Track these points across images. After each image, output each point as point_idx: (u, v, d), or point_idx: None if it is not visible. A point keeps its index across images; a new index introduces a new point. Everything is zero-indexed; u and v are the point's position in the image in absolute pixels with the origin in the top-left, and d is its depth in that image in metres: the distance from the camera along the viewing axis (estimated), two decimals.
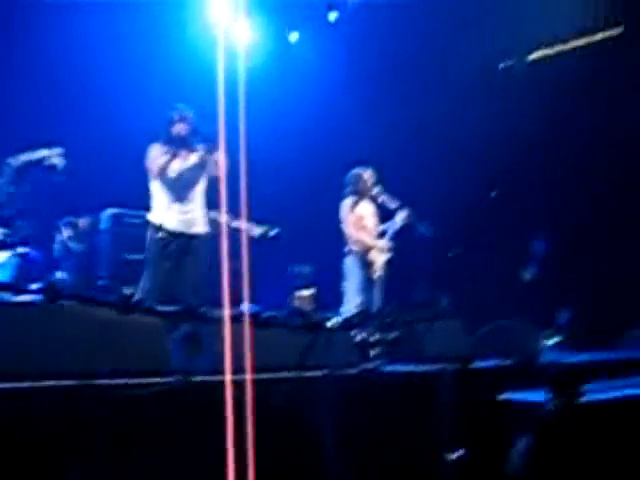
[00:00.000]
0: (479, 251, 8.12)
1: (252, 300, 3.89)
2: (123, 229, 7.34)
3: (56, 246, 7.57)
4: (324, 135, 9.13)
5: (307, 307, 8.35)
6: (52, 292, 2.84)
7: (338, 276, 7.10)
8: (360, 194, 7.06)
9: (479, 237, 8.35)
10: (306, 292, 8.70)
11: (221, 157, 5.34)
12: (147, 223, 5.92)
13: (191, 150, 5.83)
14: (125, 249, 7.22)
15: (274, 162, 8.50)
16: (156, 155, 5.76)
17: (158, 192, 5.86)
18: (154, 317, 3.88)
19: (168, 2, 8.13)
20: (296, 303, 8.45)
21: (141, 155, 5.92)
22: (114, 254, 7.31)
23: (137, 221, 7.27)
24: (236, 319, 3.34)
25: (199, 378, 3.80)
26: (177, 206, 5.81)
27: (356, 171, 7.12)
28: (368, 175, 7.08)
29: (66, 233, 7.34)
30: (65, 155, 6.33)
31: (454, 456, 4.56)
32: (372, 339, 5.17)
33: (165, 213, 5.82)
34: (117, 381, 3.72)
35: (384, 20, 8.83)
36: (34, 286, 4.33)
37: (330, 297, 7.40)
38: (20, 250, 7.24)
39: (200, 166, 5.81)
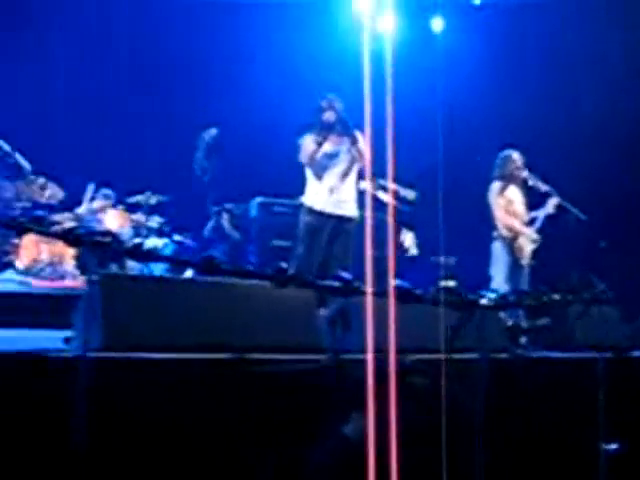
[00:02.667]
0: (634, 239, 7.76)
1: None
2: (271, 217, 7.55)
3: (208, 232, 7.88)
4: (471, 123, 8.96)
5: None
6: (211, 265, 2.96)
7: (479, 268, 6.98)
8: (509, 177, 6.87)
9: (634, 225, 7.98)
10: (450, 282, 8.59)
11: (367, 148, 5.49)
12: (300, 206, 6.26)
13: (340, 136, 6.09)
14: (273, 236, 7.43)
15: (419, 152, 8.45)
16: (308, 143, 6.09)
17: (310, 177, 6.18)
18: (308, 291, 3.97)
19: None
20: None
21: (289, 145, 6.22)
22: (263, 241, 7.52)
23: (284, 209, 7.49)
24: (384, 295, 3.36)
25: (349, 356, 3.84)
26: (328, 190, 6.09)
27: (506, 152, 6.94)
28: (517, 156, 6.89)
29: (223, 219, 7.62)
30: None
31: (608, 448, 4.48)
32: (523, 323, 5.06)
33: (317, 197, 6.12)
34: (271, 356, 3.83)
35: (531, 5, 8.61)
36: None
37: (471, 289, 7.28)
38: (176, 237, 7.60)
39: (348, 151, 6.07)
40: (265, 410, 3.74)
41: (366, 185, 6.08)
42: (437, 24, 9.30)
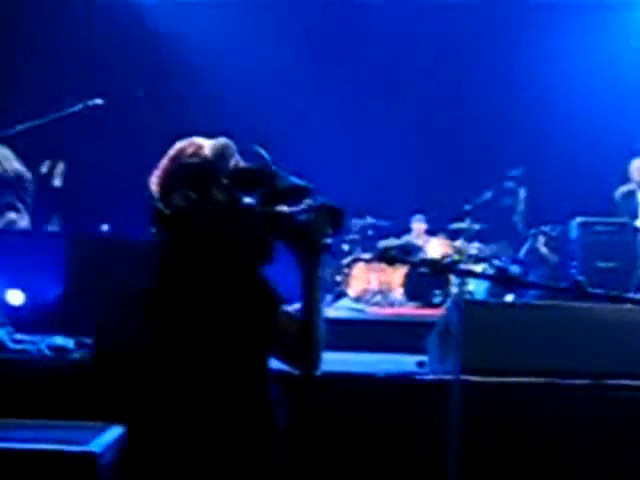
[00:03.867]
0: None
1: None
2: (593, 237, 7.32)
3: (523, 255, 7.85)
4: None
5: None
6: (581, 290, 2.98)
7: None
8: None
9: None
10: None
11: None
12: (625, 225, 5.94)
13: None
14: (596, 257, 7.19)
15: None
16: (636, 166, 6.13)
17: None
18: None
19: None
20: None
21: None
22: (586, 263, 7.31)
23: (607, 229, 7.23)
24: None
25: None
26: None
27: None
28: None
29: (538, 242, 7.56)
30: None
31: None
32: None
33: None
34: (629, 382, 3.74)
35: None
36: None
37: None
38: (495, 262, 7.66)
39: None
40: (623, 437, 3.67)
41: None
42: None
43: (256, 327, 2.24)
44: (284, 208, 2.24)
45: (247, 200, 2.23)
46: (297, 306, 2.30)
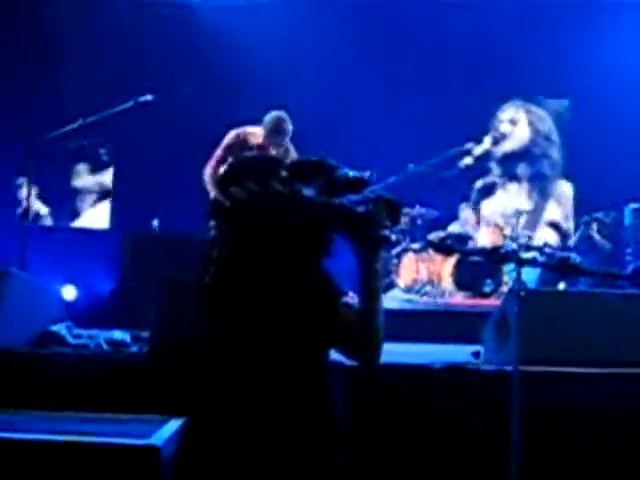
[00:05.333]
0: None
1: None
2: None
3: (576, 242, 7.73)
4: None
5: None
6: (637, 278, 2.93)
7: None
8: None
9: None
10: None
11: None
12: None
13: None
14: None
15: None
16: None
17: None
18: None
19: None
20: None
21: None
22: (637, 249, 7.19)
23: None
24: None
25: None
26: None
27: None
28: None
29: (592, 229, 7.44)
30: None
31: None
32: None
33: None
34: None
35: None
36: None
37: None
38: (546, 250, 7.54)
39: None
40: None
41: None
42: None
43: (318, 319, 2.24)
44: (343, 200, 2.23)
45: (306, 191, 2.23)
46: (351, 297, 2.30)
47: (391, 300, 6.76)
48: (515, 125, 8.79)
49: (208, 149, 5.61)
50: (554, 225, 8.55)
